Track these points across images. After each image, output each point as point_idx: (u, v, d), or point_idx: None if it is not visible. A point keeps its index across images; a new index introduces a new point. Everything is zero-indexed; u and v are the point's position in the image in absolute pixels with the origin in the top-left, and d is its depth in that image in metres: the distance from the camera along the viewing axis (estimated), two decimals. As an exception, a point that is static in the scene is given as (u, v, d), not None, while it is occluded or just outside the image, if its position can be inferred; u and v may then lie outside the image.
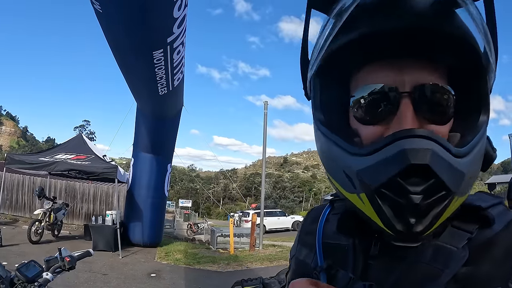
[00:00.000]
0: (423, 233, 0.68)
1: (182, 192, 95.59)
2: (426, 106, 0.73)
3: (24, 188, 20.45)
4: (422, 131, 0.68)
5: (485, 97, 0.77)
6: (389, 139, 0.68)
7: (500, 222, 0.76)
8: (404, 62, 0.75)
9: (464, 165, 0.69)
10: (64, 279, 8.23)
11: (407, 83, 0.74)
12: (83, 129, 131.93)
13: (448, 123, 0.77)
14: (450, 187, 0.66)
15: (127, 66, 9.76)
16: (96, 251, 12.29)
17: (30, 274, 2.79)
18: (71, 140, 15.86)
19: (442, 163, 0.66)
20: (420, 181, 0.65)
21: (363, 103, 0.78)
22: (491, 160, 0.83)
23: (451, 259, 0.73)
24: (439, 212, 0.68)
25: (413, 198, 0.65)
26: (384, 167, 0.68)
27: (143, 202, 14.94)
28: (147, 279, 10.45)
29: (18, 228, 16.53)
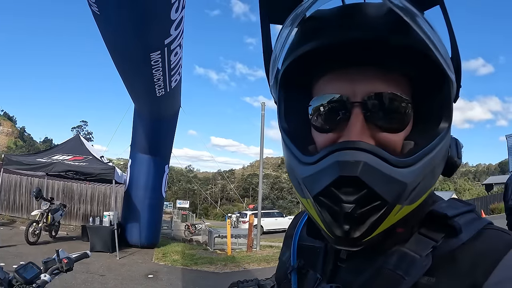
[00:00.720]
0: (362, 239, 0.72)
1: (179, 193, 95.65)
2: (376, 115, 0.76)
3: (22, 189, 20.41)
4: (360, 143, 0.71)
5: (446, 104, 0.78)
6: (326, 151, 0.73)
7: (468, 231, 0.76)
8: (357, 72, 0.77)
9: (405, 175, 0.71)
10: (62, 280, 8.23)
11: (358, 93, 0.76)
12: (80, 130, 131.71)
13: (404, 131, 0.78)
14: (384, 197, 0.69)
15: (124, 67, 9.77)
16: (93, 252, 12.35)
17: (28, 276, 2.81)
18: (69, 141, 15.84)
19: (375, 175, 0.69)
20: (353, 191, 0.69)
21: (317, 113, 0.81)
22: (455, 166, 0.87)
23: (413, 266, 0.74)
24: (377, 220, 0.71)
25: (345, 207, 0.70)
26: (322, 176, 0.73)
27: (141, 203, 14.89)
28: (145, 280, 10.46)
29: (16, 229, 16.44)
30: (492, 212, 33.51)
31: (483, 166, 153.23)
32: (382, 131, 0.76)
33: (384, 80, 0.77)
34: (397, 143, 0.77)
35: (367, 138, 0.75)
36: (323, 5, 0.78)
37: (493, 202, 36.34)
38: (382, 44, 0.71)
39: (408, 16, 0.66)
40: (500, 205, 29.88)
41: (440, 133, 0.76)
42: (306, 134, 0.87)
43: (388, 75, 0.77)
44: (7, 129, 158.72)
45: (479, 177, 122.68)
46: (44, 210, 14.28)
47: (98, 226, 13.94)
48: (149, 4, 6.75)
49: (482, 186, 75.94)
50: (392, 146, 0.76)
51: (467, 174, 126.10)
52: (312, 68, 0.83)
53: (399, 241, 0.79)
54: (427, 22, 0.71)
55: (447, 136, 0.79)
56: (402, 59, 0.75)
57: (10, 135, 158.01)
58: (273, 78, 0.89)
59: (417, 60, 0.74)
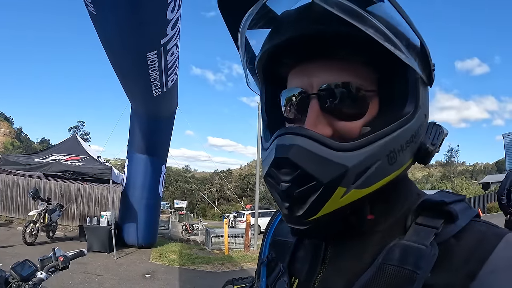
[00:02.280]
0: (307, 217, 0.75)
1: (177, 193, 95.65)
2: (331, 105, 0.79)
3: (19, 189, 20.42)
4: (299, 129, 0.76)
5: (409, 88, 0.80)
6: (273, 137, 0.79)
7: (464, 218, 0.77)
8: (315, 65, 0.81)
9: (348, 158, 0.73)
10: (59, 280, 8.27)
11: (315, 85, 0.81)
12: (77, 130, 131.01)
13: (362, 119, 0.80)
14: (319, 178, 0.72)
15: (121, 67, 9.79)
16: (91, 252, 12.39)
17: (25, 273, 2.83)
18: (66, 141, 15.89)
19: (308, 157, 0.72)
20: (288, 172, 0.74)
21: (284, 105, 0.89)
22: (428, 153, 0.84)
23: (421, 258, 0.71)
24: (317, 201, 0.73)
25: (282, 186, 0.75)
26: (267, 159, 0.80)
27: (138, 203, 14.91)
28: (142, 279, 10.47)
29: (13, 230, 16.46)
30: (489, 211, 33.67)
31: (480, 165, 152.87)
32: (339, 120, 0.80)
33: (341, 70, 0.80)
34: (354, 130, 0.79)
35: (323, 126, 0.79)
36: None
37: (490, 201, 36.46)
38: (334, 37, 0.76)
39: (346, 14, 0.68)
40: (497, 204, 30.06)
41: (402, 117, 0.77)
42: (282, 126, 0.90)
43: (344, 65, 0.80)
44: (4, 130, 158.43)
45: (476, 176, 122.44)
46: (41, 210, 14.26)
47: (96, 226, 13.92)
48: (146, 4, 6.76)
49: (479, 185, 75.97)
50: (349, 133, 0.79)
51: (464, 173, 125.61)
52: (281, 64, 0.89)
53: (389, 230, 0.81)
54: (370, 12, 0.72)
55: (415, 121, 0.79)
56: (352, 47, 0.77)
57: (7, 135, 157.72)
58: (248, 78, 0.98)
59: (367, 47, 0.76)
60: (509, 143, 41.17)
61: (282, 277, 0.95)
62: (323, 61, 0.80)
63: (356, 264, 0.80)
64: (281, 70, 0.90)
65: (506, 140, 41.84)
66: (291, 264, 0.96)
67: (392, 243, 0.77)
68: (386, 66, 0.80)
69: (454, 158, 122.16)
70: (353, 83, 0.79)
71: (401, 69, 0.79)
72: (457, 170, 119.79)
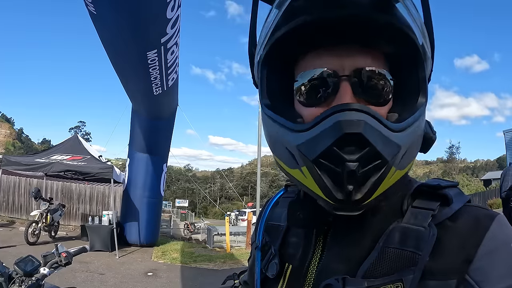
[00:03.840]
0: (363, 201, 0.73)
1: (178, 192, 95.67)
2: (363, 88, 0.77)
3: (21, 189, 20.39)
4: (357, 105, 0.72)
5: (423, 82, 0.81)
6: (326, 113, 0.73)
7: (458, 202, 0.79)
8: (344, 48, 0.78)
9: (400, 138, 0.73)
10: (62, 279, 8.28)
11: (346, 68, 0.78)
12: (78, 130, 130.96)
13: (387, 105, 0.81)
14: (385, 156, 0.71)
15: (121, 66, 9.82)
16: (93, 251, 12.42)
17: (28, 269, 2.86)
18: (67, 141, 15.85)
19: (375, 134, 0.70)
20: (355, 150, 0.70)
21: (305, 88, 0.82)
22: (431, 142, 0.90)
23: (421, 240, 0.74)
24: (377, 181, 0.72)
25: (349, 165, 0.70)
26: (322, 139, 0.72)
27: (139, 202, 14.96)
28: (144, 278, 10.52)
29: (15, 230, 16.45)
30: (490, 207, 33.38)
31: (481, 162, 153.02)
32: (367, 104, 0.77)
33: (368, 56, 0.79)
34: (382, 115, 0.77)
35: None
36: None
37: (491, 197, 36.41)
38: (366, 22, 0.73)
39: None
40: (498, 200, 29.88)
41: (421, 107, 0.79)
42: (288, 111, 0.86)
43: (371, 52, 0.79)
44: (5, 131, 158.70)
45: (477, 173, 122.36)
46: (43, 210, 14.30)
47: (97, 226, 13.96)
48: (145, 3, 6.79)
49: (481, 182, 75.74)
50: None
51: (465, 170, 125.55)
52: (298, 46, 0.83)
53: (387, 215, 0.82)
54: (410, 2, 0.76)
55: (424, 112, 0.82)
56: (384, 37, 0.76)
57: (8, 136, 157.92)
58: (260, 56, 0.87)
59: (397, 38, 0.76)
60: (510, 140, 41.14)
61: (273, 260, 0.96)
62: (352, 45, 0.78)
63: (356, 249, 0.81)
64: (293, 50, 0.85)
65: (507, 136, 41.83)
66: (283, 249, 0.97)
67: (392, 227, 0.79)
68: (402, 57, 0.81)
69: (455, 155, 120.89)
70: (384, 71, 0.80)
71: (418, 62, 0.80)
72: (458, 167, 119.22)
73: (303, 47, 0.83)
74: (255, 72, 0.93)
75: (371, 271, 0.75)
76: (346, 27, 0.74)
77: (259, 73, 0.90)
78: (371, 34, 0.76)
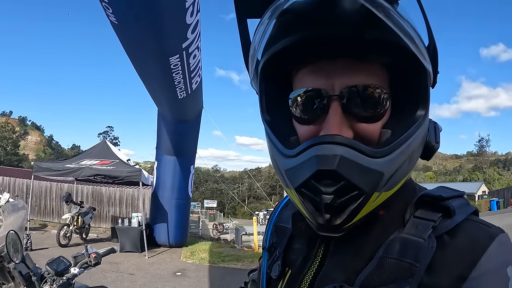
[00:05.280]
0: (344, 225, 0.76)
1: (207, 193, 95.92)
2: (354, 106, 0.77)
3: (52, 194, 21.11)
4: (336, 137, 0.74)
5: (423, 91, 0.80)
6: (306, 145, 0.76)
7: (461, 214, 0.78)
8: (334, 64, 0.78)
9: (383, 164, 0.74)
10: (93, 279, 8.52)
11: (336, 86, 0.78)
12: (106, 135, 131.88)
13: (381, 120, 0.80)
14: (362, 187, 0.72)
15: (145, 73, 9.97)
16: (123, 252, 12.65)
17: (59, 268, 3.03)
18: (95, 146, 16.12)
19: (351, 167, 0.72)
20: (331, 183, 0.72)
21: (297, 105, 0.84)
22: (432, 151, 0.90)
23: (420, 251, 0.73)
24: (356, 208, 0.74)
25: (324, 198, 0.73)
26: (302, 169, 0.76)
27: (168, 203, 15.13)
28: (173, 277, 10.66)
29: (47, 233, 17.01)
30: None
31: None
32: (360, 122, 0.78)
33: (361, 71, 0.78)
34: (375, 132, 0.79)
35: (346, 129, 0.77)
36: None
37: (524, 190, 35.57)
38: (356, 38, 0.73)
39: (380, 10, 0.67)
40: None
41: (417, 121, 0.78)
42: (288, 125, 0.89)
43: (365, 66, 0.78)
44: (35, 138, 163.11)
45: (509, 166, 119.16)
46: (74, 213, 14.74)
47: (127, 227, 14.24)
48: (165, 11, 6.88)
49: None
50: (370, 135, 0.79)
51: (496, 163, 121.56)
52: (291, 61, 0.84)
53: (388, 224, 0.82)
54: (400, 14, 0.70)
55: (425, 123, 0.81)
56: (378, 50, 0.76)
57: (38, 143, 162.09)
58: (253, 71, 0.90)
59: (392, 51, 0.75)
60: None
61: (277, 261, 1.00)
62: (343, 61, 0.78)
63: (357, 258, 0.82)
64: (287, 66, 0.87)
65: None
66: (286, 253, 1.00)
67: (392, 237, 0.79)
68: (401, 68, 0.81)
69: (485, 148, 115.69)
70: (376, 85, 0.79)
71: (417, 72, 0.79)
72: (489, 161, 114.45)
73: (295, 63, 0.85)
74: (254, 87, 0.95)
75: (369, 280, 0.76)
76: (336, 44, 0.75)
77: (257, 88, 0.93)
78: (363, 49, 0.76)
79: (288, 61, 0.84)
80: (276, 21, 0.80)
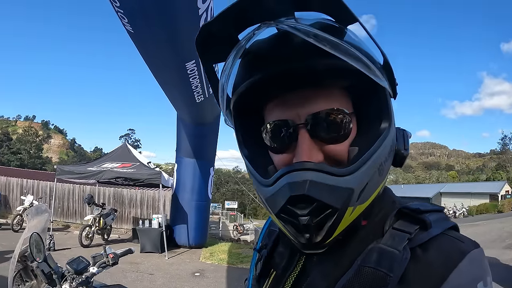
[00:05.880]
0: (324, 241, 0.80)
1: (228, 194, 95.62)
2: (319, 131, 0.83)
3: (75, 196, 21.60)
4: (305, 164, 0.80)
5: (383, 107, 0.86)
6: (279, 174, 0.82)
7: (437, 227, 0.81)
8: (297, 95, 0.84)
9: (351, 181, 0.78)
10: (113, 279, 8.75)
11: (301, 115, 0.84)
12: (128, 138, 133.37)
13: (347, 139, 0.85)
14: (334, 205, 0.76)
15: (163, 79, 10.12)
16: (143, 253, 12.90)
17: (78, 267, 3.24)
18: (117, 150, 16.36)
19: (321, 188, 0.77)
20: (305, 206, 0.77)
21: (270, 137, 0.90)
22: (403, 157, 0.94)
23: (394, 262, 0.76)
24: (332, 224, 0.78)
25: (301, 220, 0.78)
26: (278, 197, 0.81)
27: (188, 205, 15.29)
28: (191, 278, 10.77)
29: (70, 234, 17.41)
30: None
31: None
32: (327, 144, 0.84)
33: (322, 98, 0.84)
34: (343, 152, 0.84)
35: (316, 152, 0.83)
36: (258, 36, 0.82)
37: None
38: (309, 70, 0.79)
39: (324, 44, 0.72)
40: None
41: (382, 133, 0.83)
42: (266, 155, 0.95)
43: (325, 93, 0.84)
44: (58, 142, 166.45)
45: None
46: (96, 215, 15.08)
47: (148, 229, 14.43)
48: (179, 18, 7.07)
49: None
50: (339, 155, 0.84)
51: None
52: (259, 97, 0.90)
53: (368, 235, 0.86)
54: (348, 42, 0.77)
55: (390, 134, 0.85)
56: (333, 77, 0.82)
57: (61, 146, 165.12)
58: (225, 110, 0.95)
59: (347, 75, 0.81)
60: None
61: (260, 260, 1.08)
62: (305, 91, 0.84)
63: (337, 266, 0.85)
64: (256, 102, 0.93)
65: None
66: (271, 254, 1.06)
67: (370, 246, 0.82)
68: (360, 88, 0.86)
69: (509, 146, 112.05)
70: (337, 109, 0.84)
71: (374, 90, 0.85)
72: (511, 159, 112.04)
73: (262, 99, 0.91)
74: (230, 124, 1.01)
75: (348, 287, 0.79)
76: (295, 77, 0.81)
77: (233, 124, 0.99)
78: (319, 78, 0.82)
79: (257, 98, 0.90)
80: (240, 62, 0.88)
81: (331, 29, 0.79)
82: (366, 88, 0.85)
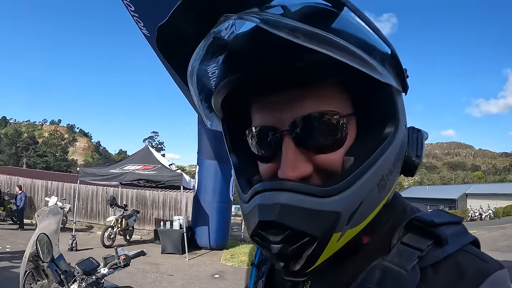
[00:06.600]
0: (304, 270, 0.68)
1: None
2: (306, 139, 0.71)
3: (98, 197, 22.06)
4: (280, 183, 0.68)
5: (388, 106, 0.72)
6: (252, 192, 0.72)
7: (455, 243, 0.69)
8: (281, 98, 0.72)
9: (339, 202, 0.65)
10: (133, 279, 8.87)
11: (286, 120, 0.72)
12: (152, 140, 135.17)
13: (342, 147, 0.71)
14: (311, 233, 0.64)
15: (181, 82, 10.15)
16: (164, 254, 13.03)
17: (87, 268, 3.32)
18: (138, 152, 16.54)
19: (296, 213, 0.64)
20: (277, 232, 0.66)
21: (253, 144, 0.79)
22: (414, 166, 0.78)
23: (400, 284, 0.64)
24: (314, 253, 0.66)
25: (273, 248, 0.67)
26: (250, 218, 0.71)
27: (209, 207, 15.39)
28: (211, 279, 10.81)
29: (93, 234, 17.76)
30: None
31: None
32: (317, 153, 0.71)
33: (310, 99, 0.70)
34: (335, 162, 0.71)
35: (302, 164, 0.71)
36: None
37: None
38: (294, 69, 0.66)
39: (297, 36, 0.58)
40: None
41: (385, 140, 0.70)
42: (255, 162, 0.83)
43: (314, 93, 0.70)
44: (83, 145, 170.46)
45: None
46: (118, 216, 15.32)
47: (169, 230, 14.59)
48: None
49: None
50: (331, 166, 0.71)
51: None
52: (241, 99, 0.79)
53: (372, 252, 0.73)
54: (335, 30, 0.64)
55: (397, 139, 0.72)
56: (325, 72, 0.68)
57: (86, 149, 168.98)
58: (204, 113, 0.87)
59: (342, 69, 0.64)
60: None
61: (261, 278, 0.97)
62: (289, 92, 0.71)
63: (338, 284, 0.75)
64: (241, 104, 0.81)
65: None
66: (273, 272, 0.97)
67: (374, 263, 0.70)
68: (360, 85, 0.71)
69: None
70: (327, 111, 0.70)
71: (377, 86, 0.70)
72: None
73: (245, 101, 0.80)
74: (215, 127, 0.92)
75: None
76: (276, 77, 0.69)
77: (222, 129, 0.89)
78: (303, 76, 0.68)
79: (240, 99, 0.79)
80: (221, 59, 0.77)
81: (317, 15, 0.67)
82: (367, 85, 0.70)
